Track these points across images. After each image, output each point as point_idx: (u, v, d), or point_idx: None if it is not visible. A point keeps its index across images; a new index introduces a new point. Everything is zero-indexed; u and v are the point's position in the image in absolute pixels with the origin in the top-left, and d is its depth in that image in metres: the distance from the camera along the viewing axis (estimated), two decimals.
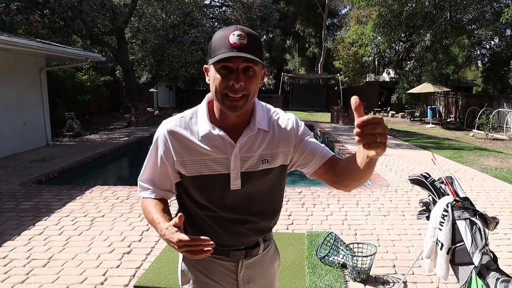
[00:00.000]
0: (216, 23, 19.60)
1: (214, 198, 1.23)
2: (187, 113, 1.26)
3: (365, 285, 2.84)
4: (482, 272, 1.93)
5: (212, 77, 1.15)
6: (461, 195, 2.25)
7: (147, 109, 15.48)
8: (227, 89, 1.11)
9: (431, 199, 2.41)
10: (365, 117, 0.89)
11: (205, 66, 1.22)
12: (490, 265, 1.93)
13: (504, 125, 14.30)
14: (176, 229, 1.03)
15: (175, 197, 1.34)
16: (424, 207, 2.47)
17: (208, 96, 1.25)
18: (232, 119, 1.20)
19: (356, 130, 0.91)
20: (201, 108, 1.25)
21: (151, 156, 1.26)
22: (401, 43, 21.97)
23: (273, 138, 1.24)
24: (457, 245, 2.09)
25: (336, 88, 26.26)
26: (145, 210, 1.25)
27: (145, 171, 1.28)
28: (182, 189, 1.28)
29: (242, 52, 1.08)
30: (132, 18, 15.63)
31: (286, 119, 1.29)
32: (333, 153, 1.32)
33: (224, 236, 1.26)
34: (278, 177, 1.29)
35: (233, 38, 1.10)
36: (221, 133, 1.18)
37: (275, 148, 1.24)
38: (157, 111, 16.63)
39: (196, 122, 1.23)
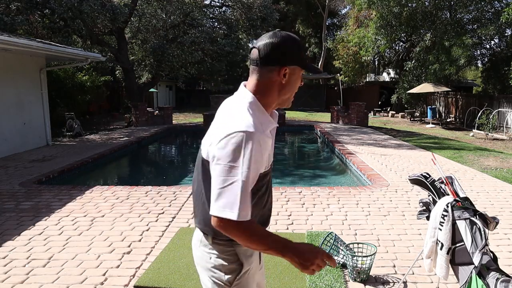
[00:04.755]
0: (216, 23, 19.61)
1: (269, 183, 1.43)
2: (248, 112, 1.28)
3: (365, 285, 2.84)
4: (482, 272, 1.93)
5: (295, 80, 1.35)
6: (461, 195, 2.25)
7: (147, 109, 15.48)
8: (295, 91, 1.38)
9: (431, 199, 2.41)
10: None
11: (286, 66, 1.31)
12: (490, 265, 1.93)
13: (504, 125, 14.30)
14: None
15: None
16: (424, 207, 2.47)
17: (252, 95, 1.33)
18: (271, 113, 1.40)
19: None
20: (255, 104, 1.32)
21: (248, 169, 1.20)
22: (401, 43, 21.97)
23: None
24: (457, 245, 2.09)
25: (336, 88, 26.27)
26: (260, 233, 1.24)
27: (245, 193, 1.20)
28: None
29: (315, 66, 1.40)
30: (132, 18, 15.64)
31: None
32: None
33: (268, 217, 1.48)
34: None
35: (302, 48, 1.35)
36: (276, 125, 1.40)
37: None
38: (157, 111, 16.63)
39: (260, 116, 1.31)
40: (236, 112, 1.29)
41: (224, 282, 1.37)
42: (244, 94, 1.34)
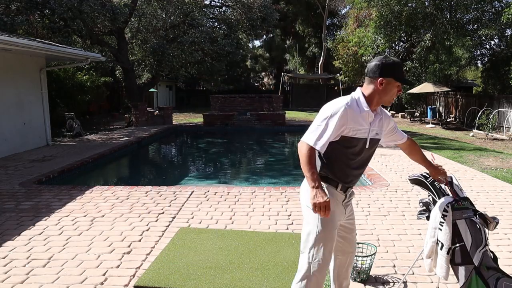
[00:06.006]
0: (216, 23, 19.60)
1: (356, 151, 2.05)
2: (352, 96, 2.05)
3: (365, 285, 2.84)
4: (482, 272, 1.93)
5: (388, 87, 2.00)
6: (461, 195, 2.25)
7: (147, 109, 15.49)
8: (395, 95, 2.05)
9: (431, 199, 2.41)
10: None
11: (382, 79, 1.98)
12: (490, 265, 1.93)
13: (504, 125, 14.30)
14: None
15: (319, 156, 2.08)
16: (424, 207, 2.47)
17: (360, 90, 2.08)
18: (373, 108, 2.04)
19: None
20: (358, 95, 2.05)
21: (332, 123, 1.92)
22: (401, 43, 21.96)
23: (383, 120, 2.13)
24: (457, 245, 2.09)
25: (336, 88, 26.27)
26: (312, 161, 1.91)
27: (324, 133, 1.92)
28: (338, 144, 2.00)
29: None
30: (132, 18, 15.63)
31: (386, 111, 2.17)
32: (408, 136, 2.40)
33: (350, 177, 2.13)
34: (376, 147, 2.17)
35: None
36: (371, 113, 2.03)
37: (382, 128, 2.13)
38: (157, 111, 16.63)
39: (358, 102, 2.02)
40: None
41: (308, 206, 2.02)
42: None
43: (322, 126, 1.92)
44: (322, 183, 1.95)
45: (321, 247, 2.02)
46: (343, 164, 2.06)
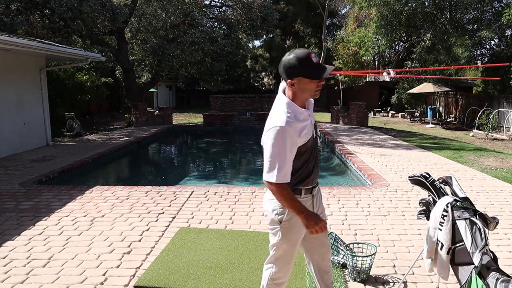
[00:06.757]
0: (216, 23, 19.60)
1: (309, 148, 1.98)
2: (284, 110, 1.91)
3: (365, 285, 2.84)
4: (482, 272, 1.93)
5: (304, 85, 1.89)
6: (461, 195, 2.25)
7: (147, 109, 15.48)
8: (317, 88, 1.92)
9: (431, 199, 2.41)
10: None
11: (291, 81, 1.90)
12: (490, 265, 1.93)
13: (504, 125, 14.30)
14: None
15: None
16: (424, 207, 2.47)
17: (285, 93, 2.00)
18: (304, 103, 1.97)
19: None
20: (288, 102, 1.94)
21: (283, 149, 1.83)
22: (401, 43, 21.97)
23: (308, 102, 2.05)
24: (457, 245, 2.09)
25: (336, 88, 26.26)
26: (289, 195, 1.87)
27: (284, 163, 1.83)
28: (296, 156, 1.91)
29: (327, 70, 1.88)
30: (132, 18, 15.63)
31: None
32: None
33: (315, 177, 2.06)
34: None
35: (315, 59, 1.84)
36: (307, 111, 1.98)
37: (309, 107, 2.06)
38: (157, 111, 16.63)
39: (293, 112, 1.90)
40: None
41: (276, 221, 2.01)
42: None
43: (275, 158, 1.82)
44: (299, 202, 1.93)
45: (282, 261, 2.06)
46: (306, 169, 2.00)
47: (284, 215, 1.98)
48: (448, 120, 18.32)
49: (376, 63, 27.37)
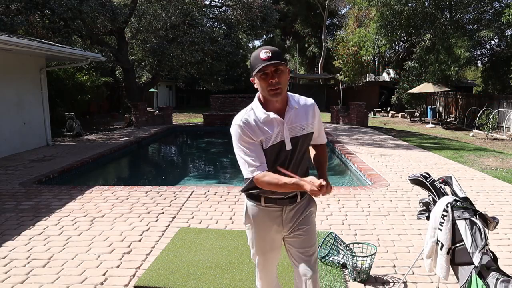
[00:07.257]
0: (216, 23, 19.59)
1: (276, 159, 1.82)
2: (248, 108, 1.85)
3: (365, 285, 2.84)
4: (482, 272, 1.93)
5: (257, 82, 1.76)
6: (461, 195, 2.25)
7: (147, 109, 15.47)
8: (269, 86, 1.72)
9: (431, 199, 2.41)
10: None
11: (251, 78, 1.81)
12: (490, 265, 1.93)
13: (504, 125, 14.30)
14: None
15: None
16: (424, 207, 2.47)
17: (258, 95, 1.85)
18: (276, 106, 1.80)
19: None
20: (255, 103, 1.84)
21: (242, 145, 1.81)
22: (401, 43, 21.96)
23: (300, 112, 1.84)
24: (457, 245, 2.09)
25: (336, 88, 26.27)
26: (271, 181, 1.73)
27: (247, 157, 1.79)
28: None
29: (270, 61, 1.68)
30: (132, 19, 15.63)
31: (305, 99, 1.91)
32: (325, 142, 2.04)
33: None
34: (309, 142, 1.91)
35: (263, 54, 1.71)
36: (274, 115, 1.78)
37: (305, 119, 1.84)
38: (157, 111, 16.63)
39: (255, 112, 1.81)
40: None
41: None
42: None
43: (240, 155, 1.81)
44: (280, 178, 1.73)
45: (258, 265, 2.05)
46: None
47: (244, 218, 1.99)
48: (448, 120, 18.32)
49: (376, 63, 27.38)
